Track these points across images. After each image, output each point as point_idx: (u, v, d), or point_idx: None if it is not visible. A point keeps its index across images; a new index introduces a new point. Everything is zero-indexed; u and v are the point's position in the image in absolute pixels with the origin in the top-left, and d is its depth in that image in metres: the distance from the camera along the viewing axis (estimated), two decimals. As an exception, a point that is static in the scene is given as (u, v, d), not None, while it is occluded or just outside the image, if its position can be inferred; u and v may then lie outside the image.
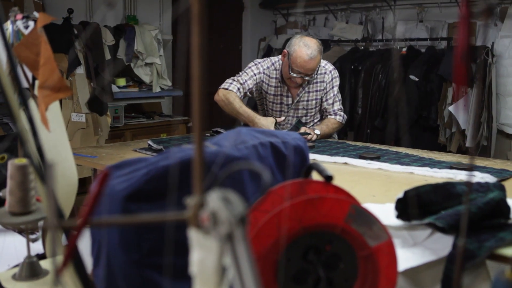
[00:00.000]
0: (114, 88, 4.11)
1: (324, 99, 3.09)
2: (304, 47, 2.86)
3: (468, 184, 1.41)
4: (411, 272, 1.29)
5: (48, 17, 1.34)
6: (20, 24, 1.39)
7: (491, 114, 4.48)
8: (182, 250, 1.19)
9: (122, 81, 4.30)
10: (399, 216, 1.37)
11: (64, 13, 4.06)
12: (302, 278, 1.04)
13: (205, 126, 0.67)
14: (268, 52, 6.06)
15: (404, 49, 4.93)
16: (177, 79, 5.50)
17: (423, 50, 4.91)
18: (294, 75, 2.90)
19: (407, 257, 1.28)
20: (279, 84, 3.04)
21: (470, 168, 2.20)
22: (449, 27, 5.09)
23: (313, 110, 3.11)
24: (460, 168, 2.15)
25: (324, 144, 2.78)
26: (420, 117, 4.68)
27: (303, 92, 3.04)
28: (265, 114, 3.15)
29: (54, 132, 1.65)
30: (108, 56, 4.08)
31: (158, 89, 4.44)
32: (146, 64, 4.37)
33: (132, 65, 4.32)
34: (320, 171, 1.03)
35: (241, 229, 0.58)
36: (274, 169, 1.40)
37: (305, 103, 3.07)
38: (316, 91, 3.06)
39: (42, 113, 1.29)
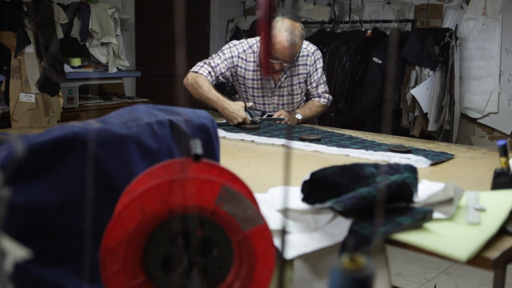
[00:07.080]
0: (68, 68, 3.97)
1: (308, 82, 2.90)
2: (285, 32, 2.63)
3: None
4: (310, 258, 1.22)
5: None
6: None
7: (453, 98, 4.42)
8: (53, 234, 1.10)
9: (77, 61, 4.17)
10: (304, 199, 1.30)
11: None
12: (172, 265, 0.96)
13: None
14: (236, 34, 5.94)
15: (369, 31, 4.85)
16: (140, 60, 5.38)
17: (388, 33, 4.84)
18: (273, 61, 2.65)
19: (305, 242, 1.22)
20: (257, 68, 2.82)
21: (408, 150, 2.15)
22: (416, 10, 5.02)
23: (299, 95, 2.91)
24: (396, 150, 2.08)
25: (268, 125, 2.69)
26: (383, 100, 4.61)
27: (285, 76, 2.84)
28: (246, 100, 2.89)
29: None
30: (61, 35, 3.93)
31: (115, 70, 4.30)
32: (102, 43, 4.23)
33: (87, 44, 4.18)
34: (190, 149, 0.95)
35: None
36: (173, 148, 1.32)
37: (289, 88, 2.87)
38: (299, 74, 2.85)
39: None
